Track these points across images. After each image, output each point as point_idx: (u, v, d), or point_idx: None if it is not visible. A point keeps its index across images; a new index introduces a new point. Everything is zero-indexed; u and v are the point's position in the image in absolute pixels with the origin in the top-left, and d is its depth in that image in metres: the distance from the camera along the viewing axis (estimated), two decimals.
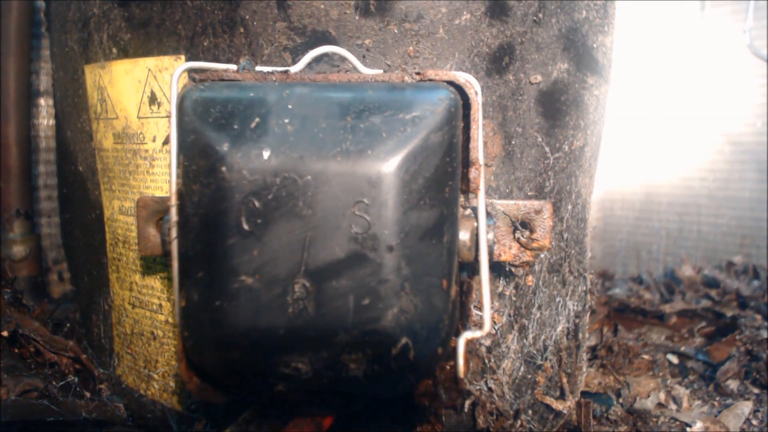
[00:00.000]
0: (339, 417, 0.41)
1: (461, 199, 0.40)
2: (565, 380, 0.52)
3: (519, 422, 0.50)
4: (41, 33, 0.78)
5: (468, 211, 0.40)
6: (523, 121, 0.46)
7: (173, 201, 0.37)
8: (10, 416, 0.49)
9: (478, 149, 0.39)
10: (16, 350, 0.60)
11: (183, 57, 0.46)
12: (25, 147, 0.76)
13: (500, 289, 0.47)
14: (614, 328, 0.78)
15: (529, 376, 0.50)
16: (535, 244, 0.42)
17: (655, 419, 0.59)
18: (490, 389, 0.49)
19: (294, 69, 0.41)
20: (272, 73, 0.40)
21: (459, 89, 0.38)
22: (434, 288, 0.35)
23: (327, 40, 0.42)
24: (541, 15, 0.44)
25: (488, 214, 0.41)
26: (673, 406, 0.62)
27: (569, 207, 0.50)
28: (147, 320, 0.52)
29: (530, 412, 0.51)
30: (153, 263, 0.51)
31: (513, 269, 0.47)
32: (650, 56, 1.20)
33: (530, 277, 0.48)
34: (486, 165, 0.45)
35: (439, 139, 0.35)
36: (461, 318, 0.45)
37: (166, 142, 0.48)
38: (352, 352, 0.34)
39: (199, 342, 0.36)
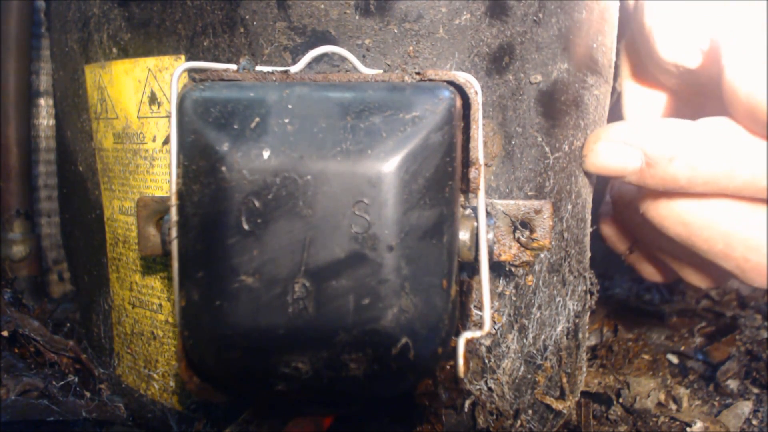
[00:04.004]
0: (339, 417, 0.41)
1: (461, 199, 0.40)
2: (565, 380, 0.52)
3: (519, 422, 0.50)
4: (41, 33, 0.78)
5: (468, 211, 0.40)
6: (523, 120, 0.46)
7: (173, 201, 0.37)
8: (10, 416, 0.49)
9: (478, 149, 0.39)
10: (16, 350, 0.60)
11: (183, 57, 0.46)
12: (25, 147, 0.76)
13: (500, 288, 0.47)
14: (614, 328, 0.78)
15: (529, 376, 0.50)
16: (535, 244, 0.42)
17: (655, 419, 0.59)
18: (490, 389, 0.49)
19: (294, 69, 0.41)
20: (272, 73, 0.40)
21: (459, 89, 0.38)
22: (434, 288, 0.35)
23: (327, 40, 0.42)
24: (541, 15, 0.44)
25: (488, 214, 0.41)
26: (673, 406, 0.62)
27: (569, 207, 0.50)
28: (147, 320, 0.52)
29: (530, 411, 0.51)
30: (153, 263, 0.51)
31: (513, 269, 0.47)
32: None
33: (530, 277, 0.48)
34: (486, 165, 0.45)
35: (439, 139, 0.35)
36: (461, 318, 0.45)
37: (166, 142, 0.48)
38: (352, 352, 0.34)
39: (199, 342, 0.36)
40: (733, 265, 0.48)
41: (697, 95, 0.53)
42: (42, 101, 0.79)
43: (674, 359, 0.72)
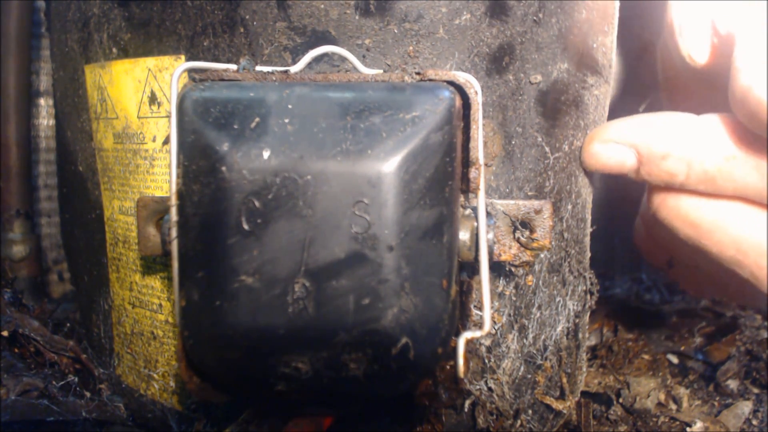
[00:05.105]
0: (339, 417, 0.41)
1: (461, 199, 0.40)
2: (565, 380, 0.52)
3: (519, 422, 0.50)
4: (41, 33, 0.78)
5: (468, 211, 0.40)
6: (523, 120, 0.46)
7: (173, 201, 0.37)
8: (10, 416, 0.49)
9: (478, 149, 0.39)
10: (16, 350, 0.60)
11: (183, 57, 0.46)
12: (25, 147, 0.76)
13: (500, 288, 0.48)
14: (614, 328, 0.78)
15: (529, 376, 0.50)
16: (535, 244, 0.42)
17: (655, 419, 0.59)
18: (490, 389, 0.49)
19: (294, 69, 0.41)
20: (272, 73, 0.40)
21: (459, 89, 0.38)
22: (434, 288, 0.35)
23: (327, 40, 0.42)
24: (541, 15, 0.44)
25: (488, 214, 0.41)
26: (673, 406, 0.62)
27: (569, 207, 0.50)
28: (147, 320, 0.52)
29: (530, 411, 0.51)
30: (153, 263, 0.51)
31: (513, 269, 0.47)
32: None
33: (530, 277, 0.48)
34: (486, 165, 0.45)
35: (439, 139, 0.35)
36: (461, 318, 0.45)
37: (166, 142, 0.48)
38: (352, 352, 0.34)
39: (199, 342, 0.36)
40: (747, 272, 0.46)
41: (720, 105, 0.52)
42: (42, 101, 0.80)
43: (674, 359, 0.72)
